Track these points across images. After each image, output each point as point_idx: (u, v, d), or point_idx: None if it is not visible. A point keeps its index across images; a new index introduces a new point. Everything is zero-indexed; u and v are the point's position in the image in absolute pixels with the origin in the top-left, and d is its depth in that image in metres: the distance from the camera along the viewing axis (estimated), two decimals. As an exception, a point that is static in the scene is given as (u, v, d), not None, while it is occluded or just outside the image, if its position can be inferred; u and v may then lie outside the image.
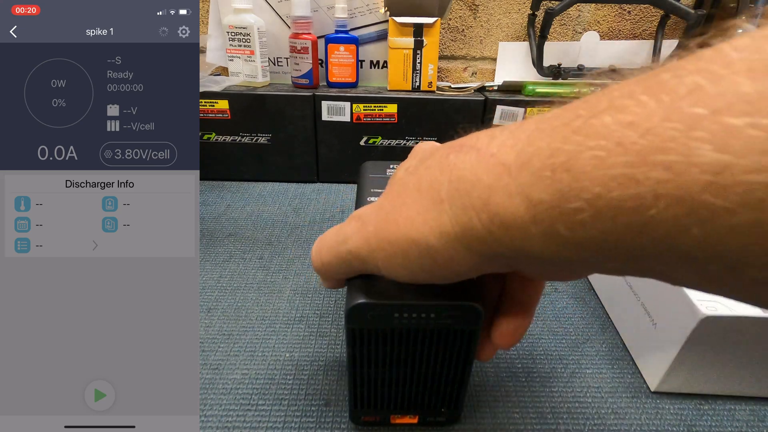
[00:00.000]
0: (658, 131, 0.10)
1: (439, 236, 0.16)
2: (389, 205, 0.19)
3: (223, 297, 0.42)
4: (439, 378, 0.27)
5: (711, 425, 0.32)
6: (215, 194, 0.61)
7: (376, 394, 0.28)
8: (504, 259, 0.16)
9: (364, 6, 0.63)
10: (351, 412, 0.29)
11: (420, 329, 0.24)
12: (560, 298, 0.43)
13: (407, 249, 0.17)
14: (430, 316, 0.23)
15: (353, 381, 0.27)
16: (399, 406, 0.29)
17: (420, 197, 0.17)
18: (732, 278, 0.11)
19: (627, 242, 0.11)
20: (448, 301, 0.23)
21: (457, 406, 0.29)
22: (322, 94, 0.60)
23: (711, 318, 0.28)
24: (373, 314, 0.23)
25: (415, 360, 0.26)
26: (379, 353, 0.25)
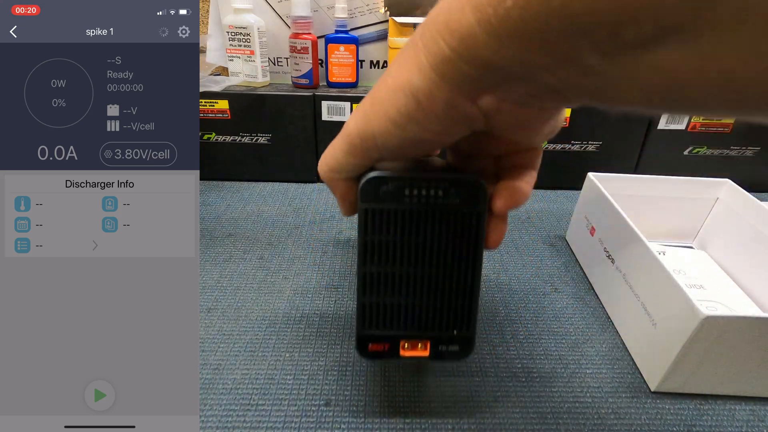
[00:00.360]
0: None
1: (418, 72, 0.19)
2: (381, 78, 0.22)
3: (223, 297, 0.42)
4: (449, 279, 0.26)
5: (711, 425, 0.32)
6: (215, 194, 0.61)
7: (385, 306, 0.27)
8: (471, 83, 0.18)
9: (364, 6, 0.63)
10: (358, 338, 0.27)
11: (429, 209, 0.25)
12: (560, 298, 0.43)
13: (395, 97, 0.20)
14: (438, 194, 0.25)
15: (362, 286, 0.26)
16: (408, 324, 0.27)
17: (403, 56, 0.20)
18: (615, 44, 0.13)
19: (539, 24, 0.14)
20: (456, 176, 0.24)
21: (469, 327, 0.27)
22: (322, 94, 0.60)
23: (711, 318, 0.28)
24: (386, 189, 0.24)
25: (424, 252, 0.26)
26: (390, 240, 0.25)
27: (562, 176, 0.65)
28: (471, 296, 0.27)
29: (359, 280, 0.26)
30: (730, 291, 0.44)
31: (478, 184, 0.24)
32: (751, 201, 0.44)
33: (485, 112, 0.20)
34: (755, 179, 0.66)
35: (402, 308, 0.27)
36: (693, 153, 0.64)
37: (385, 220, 0.25)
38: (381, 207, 0.25)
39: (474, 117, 0.20)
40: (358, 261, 0.26)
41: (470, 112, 0.20)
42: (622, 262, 0.39)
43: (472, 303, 0.27)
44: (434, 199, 0.25)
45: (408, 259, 0.26)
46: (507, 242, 0.52)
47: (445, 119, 0.20)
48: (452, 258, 0.26)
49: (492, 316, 0.41)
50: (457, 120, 0.20)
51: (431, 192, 0.25)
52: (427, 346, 0.28)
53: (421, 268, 0.26)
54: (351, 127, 0.23)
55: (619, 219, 0.40)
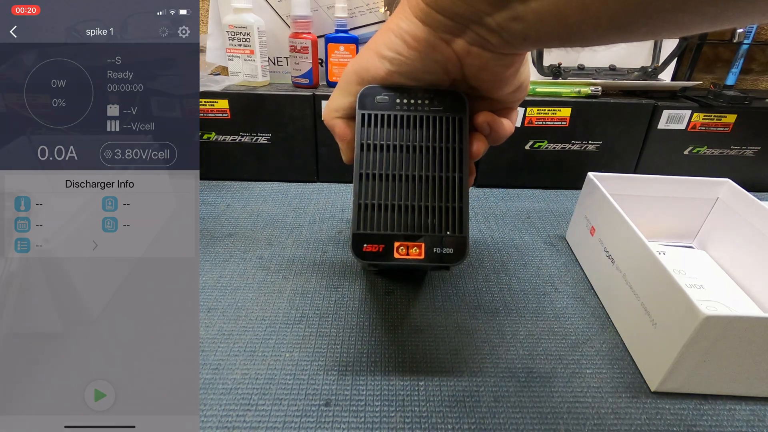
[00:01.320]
0: None
1: (405, 18, 0.25)
2: (378, 30, 0.28)
3: (223, 297, 0.42)
4: (439, 178, 0.28)
5: (711, 425, 0.32)
6: (215, 194, 0.61)
7: (380, 207, 0.28)
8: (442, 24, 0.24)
9: (364, 6, 0.63)
10: (353, 239, 0.28)
11: (417, 115, 0.29)
12: (560, 298, 0.43)
13: (387, 38, 0.26)
14: (425, 102, 0.29)
15: (358, 188, 0.28)
16: (402, 225, 0.28)
17: (395, 12, 0.26)
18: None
19: None
20: (438, 87, 0.29)
21: (461, 227, 0.28)
22: (322, 94, 0.60)
23: (711, 318, 0.28)
24: (380, 98, 0.28)
25: (415, 152, 0.29)
26: (383, 142, 0.29)
27: (562, 176, 0.65)
28: (461, 197, 0.28)
29: (355, 182, 0.28)
30: (730, 291, 0.44)
31: (457, 95, 0.29)
32: (751, 201, 0.44)
33: (458, 55, 0.25)
34: (755, 179, 0.66)
35: (396, 208, 0.28)
36: (693, 153, 0.64)
37: (380, 123, 0.29)
38: (376, 112, 0.29)
39: (450, 59, 0.26)
40: (355, 164, 0.28)
41: (447, 54, 0.25)
42: (622, 262, 0.39)
43: (463, 204, 0.28)
44: (422, 106, 0.29)
45: (400, 161, 0.28)
46: (507, 242, 0.52)
47: (426, 57, 0.26)
48: (440, 159, 0.28)
49: (492, 316, 0.41)
50: (436, 60, 0.26)
51: (419, 101, 0.29)
52: (421, 249, 0.28)
53: (412, 169, 0.28)
54: (348, 68, 0.29)
55: (619, 219, 0.39)
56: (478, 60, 0.25)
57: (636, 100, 0.61)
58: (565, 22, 0.20)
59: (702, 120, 0.61)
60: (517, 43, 0.23)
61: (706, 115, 0.61)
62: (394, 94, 0.29)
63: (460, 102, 0.29)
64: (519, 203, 0.62)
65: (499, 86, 0.28)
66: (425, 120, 0.29)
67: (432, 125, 0.29)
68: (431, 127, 0.29)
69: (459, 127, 0.29)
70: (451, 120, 0.29)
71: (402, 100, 0.29)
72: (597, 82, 0.61)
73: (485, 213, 0.59)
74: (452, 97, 0.29)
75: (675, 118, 0.61)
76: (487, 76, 0.27)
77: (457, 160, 0.29)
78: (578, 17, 0.19)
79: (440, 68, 0.26)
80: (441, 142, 0.29)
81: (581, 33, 0.20)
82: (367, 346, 0.37)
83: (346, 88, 0.29)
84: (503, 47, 0.24)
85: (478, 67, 0.26)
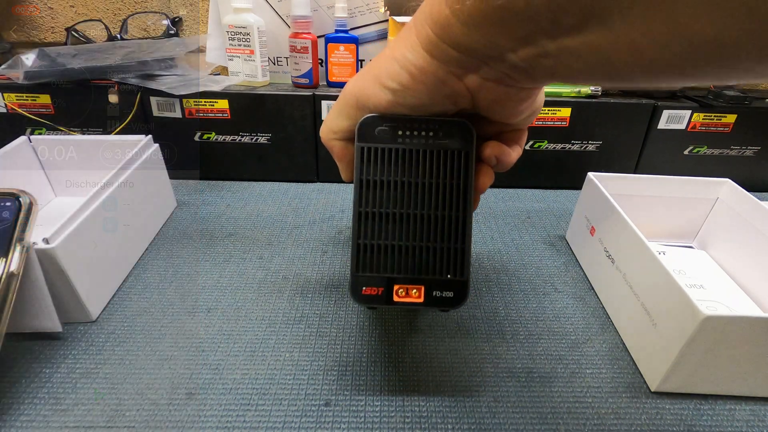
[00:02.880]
0: None
1: (411, 49, 0.23)
2: (380, 53, 0.25)
3: (223, 297, 0.42)
4: (441, 220, 0.27)
5: (711, 425, 0.32)
6: (215, 194, 0.61)
7: (379, 249, 0.27)
8: (452, 60, 0.22)
9: (364, 5, 0.63)
10: (352, 282, 0.27)
11: (421, 149, 0.27)
12: (560, 298, 0.43)
13: (390, 67, 0.24)
14: (429, 134, 0.27)
15: (357, 228, 0.27)
16: (402, 268, 0.27)
17: (400, 36, 0.24)
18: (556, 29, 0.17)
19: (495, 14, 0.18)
20: (444, 117, 0.26)
21: (462, 271, 0.27)
22: (322, 94, 0.60)
23: (711, 318, 0.28)
24: (381, 129, 0.26)
25: (417, 191, 0.27)
26: (385, 177, 0.27)
27: (562, 176, 0.65)
28: (463, 238, 0.27)
29: (355, 221, 0.27)
30: (730, 291, 0.44)
31: (464, 125, 0.27)
32: (751, 201, 0.44)
33: (471, 90, 0.23)
34: (755, 179, 0.66)
35: (396, 249, 0.27)
36: (693, 153, 0.64)
37: (380, 158, 0.27)
38: (376, 146, 0.26)
39: (460, 93, 0.23)
40: (354, 201, 0.27)
41: (457, 88, 0.23)
42: (622, 262, 0.39)
43: (465, 246, 0.27)
44: (425, 138, 0.27)
45: (402, 198, 0.27)
46: (507, 242, 0.52)
47: (434, 91, 0.23)
48: (444, 197, 0.27)
49: (492, 316, 0.41)
50: (445, 94, 0.24)
51: (422, 132, 0.27)
52: (421, 292, 0.27)
53: (414, 207, 0.27)
54: (348, 88, 0.27)
55: (619, 219, 0.39)
56: (494, 94, 0.23)
57: (636, 100, 0.61)
58: (607, 61, 0.17)
59: (702, 120, 0.61)
60: (543, 80, 0.21)
61: (706, 115, 0.61)
62: (395, 124, 0.26)
63: (468, 134, 0.27)
64: (519, 203, 0.62)
65: (513, 116, 0.26)
66: (429, 154, 0.27)
67: (436, 160, 0.27)
68: (435, 162, 0.27)
69: (465, 162, 0.27)
70: (456, 154, 0.27)
71: (404, 132, 0.27)
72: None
73: (485, 213, 0.59)
74: (459, 128, 0.27)
75: (675, 118, 0.61)
76: (501, 107, 0.25)
77: (461, 199, 0.27)
78: (626, 58, 0.16)
79: (448, 101, 0.24)
80: (445, 179, 0.27)
81: (629, 75, 0.17)
82: (367, 346, 0.37)
83: (345, 111, 0.27)
84: (525, 83, 0.22)
85: (492, 101, 0.24)
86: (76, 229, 0.36)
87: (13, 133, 0.54)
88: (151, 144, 0.51)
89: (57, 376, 0.33)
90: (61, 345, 0.36)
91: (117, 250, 0.43)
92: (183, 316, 0.40)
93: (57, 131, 0.60)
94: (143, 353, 0.36)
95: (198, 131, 0.62)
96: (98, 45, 0.64)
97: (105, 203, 0.41)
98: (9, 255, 0.31)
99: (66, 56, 0.57)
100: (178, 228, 0.52)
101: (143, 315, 0.39)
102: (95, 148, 0.53)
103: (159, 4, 0.68)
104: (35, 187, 0.53)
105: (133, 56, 0.58)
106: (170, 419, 0.31)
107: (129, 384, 0.33)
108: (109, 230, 0.41)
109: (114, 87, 0.57)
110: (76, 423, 0.30)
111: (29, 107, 0.58)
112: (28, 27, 0.69)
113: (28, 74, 0.54)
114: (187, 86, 0.57)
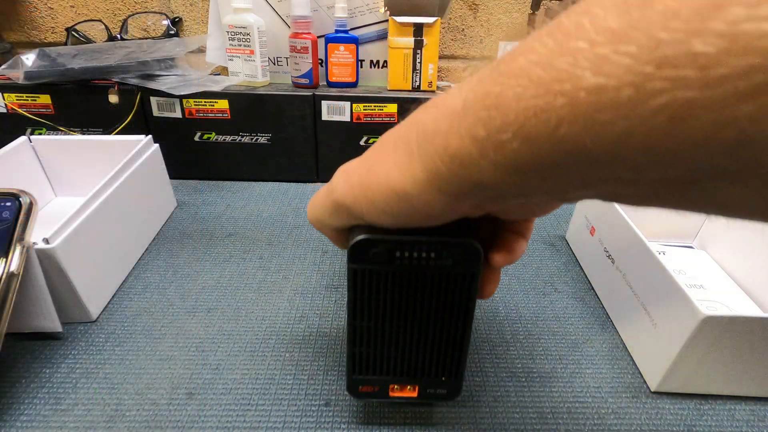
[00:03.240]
0: (555, 65, 0.12)
1: (413, 184, 0.18)
2: (371, 159, 0.21)
3: (223, 297, 0.42)
4: (440, 334, 0.26)
5: (711, 425, 0.32)
6: (215, 194, 0.61)
7: (375, 355, 0.27)
8: (470, 197, 0.17)
9: (364, 6, 0.63)
10: (348, 381, 0.28)
11: (420, 271, 0.24)
12: (560, 298, 0.43)
13: (387, 197, 0.19)
14: (431, 256, 0.23)
15: (353, 337, 0.26)
16: (398, 371, 0.27)
17: (396, 151, 0.19)
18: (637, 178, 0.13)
19: (548, 160, 0.13)
20: (449, 239, 0.23)
21: (458, 374, 0.27)
22: (322, 94, 0.60)
23: (711, 318, 0.28)
24: (376, 251, 0.23)
25: (415, 309, 0.25)
26: (380, 298, 0.25)
27: (562, 176, 0.65)
28: (461, 348, 0.27)
29: (349, 333, 0.26)
30: (730, 291, 0.44)
31: (473, 248, 0.23)
32: (751, 201, 0.44)
33: (483, 210, 0.20)
34: (755, 179, 0.66)
35: (392, 358, 0.27)
36: (693, 153, 0.64)
37: (375, 280, 0.24)
38: (371, 268, 0.24)
39: (471, 214, 0.20)
40: (348, 315, 0.26)
41: (468, 212, 0.19)
42: (622, 262, 0.39)
43: (462, 354, 0.27)
44: (426, 260, 0.23)
45: (398, 316, 0.26)
46: (507, 242, 0.52)
47: (440, 217, 0.19)
48: (443, 314, 0.25)
49: (492, 316, 0.41)
50: (453, 217, 0.20)
51: (423, 254, 0.23)
52: (415, 390, 0.29)
53: (411, 323, 0.26)
54: (338, 193, 0.22)
55: (619, 219, 0.39)
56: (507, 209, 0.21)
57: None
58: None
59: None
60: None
61: (706, 115, 0.61)
62: (393, 246, 0.23)
63: (475, 256, 0.23)
64: (519, 203, 0.62)
65: (526, 217, 0.24)
66: (429, 276, 0.24)
67: (437, 282, 0.24)
68: (436, 284, 0.24)
69: (470, 282, 0.24)
70: (460, 276, 0.24)
71: (402, 254, 0.23)
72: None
73: (485, 213, 0.59)
74: (466, 249, 0.23)
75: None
76: (523, 211, 0.22)
77: (462, 314, 0.25)
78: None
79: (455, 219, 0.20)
80: (446, 298, 0.25)
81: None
82: (367, 346, 0.37)
83: (335, 211, 0.23)
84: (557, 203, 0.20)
85: (504, 213, 0.22)
86: (76, 229, 0.36)
87: (13, 133, 0.54)
88: (151, 144, 0.51)
89: (57, 376, 0.33)
90: (61, 345, 0.36)
91: (117, 250, 0.43)
92: (183, 316, 0.40)
93: (57, 131, 0.60)
94: (143, 353, 0.36)
95: (198, 131, 0.62)
96: (98, 45, 0.64)
97: (105, 203, 0.41)
98: (9, 255, 0.31)
99: (66, 56, 0.57)
100: (178, 228, 0.52)
101: (143, 315, 0.39)
102: (95, 148, 0.53)
103: (159, 4, 0.68)
104: (35, 187, 0.53)
105: (133, 56, 0.58)
106: (170, 419, 0.31)
107: (129, 384, 0.33)
108: (109, 230, 0.41)
109: (114, 87, 0.57)
110: (76, 423, 0.30)
111: (29, 107, 0.58)
112: (28, 27, 0.69)
113: (28, 74, 0.54)
114: (187, 86, 0.57)
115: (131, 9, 0.68)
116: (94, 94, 0.58)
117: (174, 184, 0.56)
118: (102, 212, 0.40)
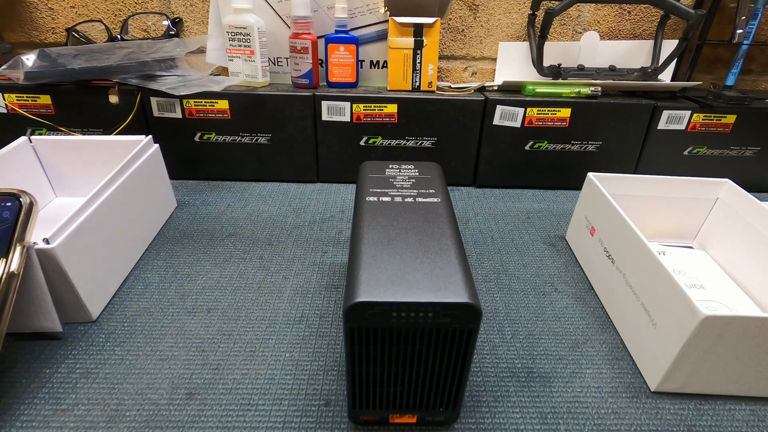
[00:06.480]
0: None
1: None
2: None
3: (223, 297, 0.42)
4: (438, 378, 0.27)
5: (711, 425, 0.32)
6: (215, 194, 0.61)
7: (375, 394, 0.28)
8: None
9: (364, 6, 0.63)
10: (350, 411, 0.29)
11: (418, 328, 0.24)
12: (560, 298, 0.43)
13: None
14: (428, 315, 0.23)
15: (352, 380, 0.27)
16: (397, 405, 0.29)
17: None
18: None
19: None
20: (446, 299, 0.23)
21: (455, 406, 0.29)
22: (322, 94, 0.60)
23: (711, 318, 0.28)
24: (371, 312, 0.23)
25: (413, 360, 0.26)
26: (378, 352, 0.25)
27: (562, 176, 0.65)
28: (459, 386, 0.27)
29: (348, 375, 0.27)
30: (730, 291, 0.44)
31: (471, 308, 0.23)
32: (751, 201, 0.44)
33: None
34: (755, 179, 0.66)
35: (391, 396, 0.28)
36: (693, 153, 0.64)
37: (372, 337, 0.25)
38: (367, 326, 0.24)
39: None
40: (346, 362, 0.26)
41: None
42: (622, 262, 0.39)
43: (460, 390, 0.28)
44: (423, 319, 0.24)
45: (396, 364, 0.26)
46: (507, 242, 0.52)
47: None
48: (441, 362, 0.26)
49: (492, 316, 0.41)
50: None
51: (420, 314, 0.23)
52: (414, 417, 0.30)
53: (409, 371, 0.26)
54: None
55: (619, 219, 0.39)
56: None
57: (636, 100, 0.61)
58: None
59: (702, 120, 0.61)
60: None
61: (706, 116, 0.61)
62: (390, 308, 0.23)
63: (474, 314, 0.23)
64: (519, 203, 0.62)
65: None
66: (426, 332, 0.24)
67: (434, 337, 0.24)
68: (433, 338, 0.25)
69: (467, 336, 0.24)
70: (458, 332, 0.24)
71: (399, 313, 0.23)
72: (597, 82, 0.61)
73: (485, 213, 0.59)
74: (464, 309, 0.23)
75: (675, 119, 0.61)
76: None
77: (460, 363, 0.26)
78: None
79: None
80: (443, 350, 0.25)
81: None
82: (367, 346, 0.37)
83: None
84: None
85: None
86: (76, 229, 0.36)
87: (14, 133, 0.54)
88: (151, 144, 0.51)
89: (57, 376, 0.33)
90: (61, 345, 0.36)
91: (117, 251, 0.43)
92: (183, 316, 0.40)
93: (57, 131, 0.60)
94: (143, 353, 0.36)
95: (198, 131, 0.62)
96: (99, 45, 0.64)
97: (105, 203, 0.41)
98: (9, 255, 0.31)
99: (66, 57, 0.57)
100: (178, 228, 0.52)
101: (143, 315, 0.39)
102: (95, 148, 0.53)
103: (159, 4, 0.68)
104: (35, 187, 0.53)
105: (133, 57, 0.58)
106: (170, 419, 0.31)
107: (129, 384, 0.33)
108: (109, 230, 0.41)
109: (114, 87, 0.57)
110: (76, 423, 0.30)
111: (30, 107, 0.58)
112: (29, 27, 0.69)
113: (28, 75, 0.54)
114: (188, 87, 0.57)
115: (131, 9, 0.68)
116: (94, 94, 0.58)
117: (174, 184, 0.56)
118: (102, 212, 0.40)
